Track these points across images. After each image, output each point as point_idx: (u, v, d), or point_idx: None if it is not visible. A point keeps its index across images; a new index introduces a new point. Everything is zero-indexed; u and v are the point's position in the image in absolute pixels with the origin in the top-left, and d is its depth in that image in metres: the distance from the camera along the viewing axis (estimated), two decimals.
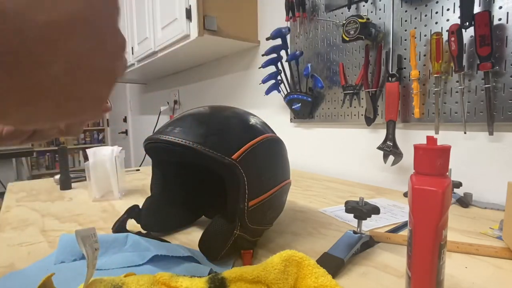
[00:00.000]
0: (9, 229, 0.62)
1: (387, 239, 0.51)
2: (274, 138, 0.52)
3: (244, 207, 0.44)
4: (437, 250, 0.29)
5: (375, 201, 0.76)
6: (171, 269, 0.40)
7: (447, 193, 0.29)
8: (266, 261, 0.34)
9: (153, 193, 0.57)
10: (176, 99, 2.25)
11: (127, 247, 0.47)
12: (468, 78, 0.75)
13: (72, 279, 0.40)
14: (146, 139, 0.49)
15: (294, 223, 0.62)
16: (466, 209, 0.70)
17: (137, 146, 3.27)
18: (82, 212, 0.73)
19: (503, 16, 0.69)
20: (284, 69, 1.22)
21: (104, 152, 0.83)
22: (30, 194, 0.91)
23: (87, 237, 0.28)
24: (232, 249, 0.45)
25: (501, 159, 0.73)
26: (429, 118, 0.83)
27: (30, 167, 4.06)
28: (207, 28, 1.23)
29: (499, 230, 0.56)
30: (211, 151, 0.42)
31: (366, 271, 0.42)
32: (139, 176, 1.18)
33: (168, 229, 0.58)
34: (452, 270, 0.42)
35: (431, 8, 0.81)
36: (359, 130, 1.05)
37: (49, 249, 0.51)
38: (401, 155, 0.88)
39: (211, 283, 0.31)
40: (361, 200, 0.46)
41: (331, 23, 1.07)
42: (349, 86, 1.02)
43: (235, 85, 1.65)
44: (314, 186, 0.96)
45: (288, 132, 1.34)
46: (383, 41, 0.92)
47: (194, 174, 0.62)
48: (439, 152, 0.29)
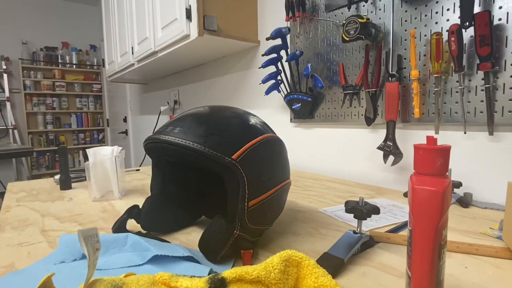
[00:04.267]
0: (9, 229, 0.62)
1: (387, 239, 0.51)
2: (274, 138, 0.52)
3: (244, 207, 0.44)
4: (437, 250, 0.29)
5: (375, 201, 0.76)
6: (171, 269, 0.40)
7: (447, 193, 0.29)
8: (266, 261, 0.34)
9: (153, 193, 0.57)
10: (176, 99, 2.25)
11: (127, 247, 0.47)
12: (468, 78, 0.75)
13: (72, 279, 0.40)
14: (146, 139, 0.49)
15: (294, 223, 0.62)
16: (466, 209, 0.70)
17: (137, 146, 3.27)
18: (82, 212, 0.73)
19: (503, 16, 0.69)
20: (284, 69, 1.22)
21: (104, 152, 0.83)
22: (30, 194, 0.91)
23: (89, 237, 0.28)
24: (232, 249, 0.44)
25: (501, 159, 0.73)
26: (429, 118, 0.83)
27: (30, 167, 4.06)
28: (207, 28, 1.23)
29: (499, 230, 0.56)
30: (211, 151, 0.42)
31: (366, 271, 0.42)
32: (139, 176, 1.18)
33: (168, 229, 0.58)
34: (452, 270, 0.42)
35: (431, 8, 0.81)
36: (359, 130, 1.05)
37: (49, 249, 0.51)
38: (401, 155, 0.88)
39: (211, 283, 0.31)
40: (361, 200, 0.46)
41: (331, 23, 1.07)
42: (349, 86, 1.02)
43: (235, 85, 1.65)
44: (314, 186, 0.96)
45: (288, 132, 1.34)
46: (383, 41, 0.92)
47: (194, 174, 0.62)
48: (439, 152, 0.29)
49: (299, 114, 1.20)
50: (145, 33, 1.64)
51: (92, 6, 4.55)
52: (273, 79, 1.23)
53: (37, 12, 4.11)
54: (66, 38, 4.36)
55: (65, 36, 4.36)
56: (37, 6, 4.10)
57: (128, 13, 1.86)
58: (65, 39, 4.34)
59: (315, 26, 1.14)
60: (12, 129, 3.89)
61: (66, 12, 4.34)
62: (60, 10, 4.30)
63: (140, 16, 1.69)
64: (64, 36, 4.34)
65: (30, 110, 4.04)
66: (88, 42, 4.56)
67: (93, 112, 4.58)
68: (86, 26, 4.53)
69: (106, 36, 2.37)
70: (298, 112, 1.19)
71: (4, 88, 3.83)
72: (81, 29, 4.50)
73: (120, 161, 0.85)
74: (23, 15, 4.02)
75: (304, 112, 1.17)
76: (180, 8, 1.29)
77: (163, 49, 1.51)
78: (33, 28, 4.09)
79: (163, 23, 1.45)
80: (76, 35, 4.46)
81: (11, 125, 3.88)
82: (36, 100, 4.07)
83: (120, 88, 3.61)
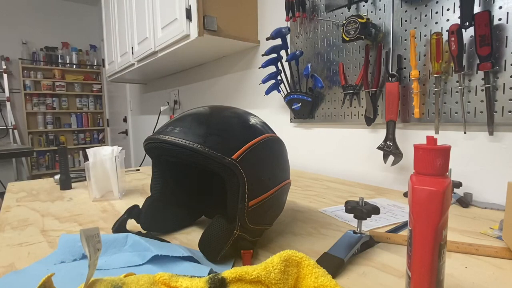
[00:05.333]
0: (9, 229, 0.62)
1: (387, 239, 0.51)
2: (274, 138, 0.52)
3: (244, 207, 0.44)
4: (437, 250, 0.29)
5: (375, 201, 0.76)
6: (171, 269, 0.40)
7: (447, 193, 0.29)
8: (266, 261, 0.34)
9: (153, 193, 0.57)
10: (176, 99, 2.25)
11: (127, 247, 0.47)
12: (468, 78, 0.75)
13: (72, 279, 0.40)
14: (146, 139, 0.49)
15: (294, 223, 0.62)
16: (466, 209, 0.70)
17: (137, 146, 3.27)
18: (82, 212, 0.73)
19: (503, 16, 0.69)
20: (284, 69, 1.22)
21: (104, 152, 0.83)
22: (30, 194, 0.91)
23: (91, 237, 0.28)
24: (232, 249, 0.45)
25: (501, 159, 0.73)
26: (429, 118, 0.83)
27: (30, 167, 4.06)
28: (207, 28, 1.23)
29: (499, 230, 0.56)
30: (211, 151, 0.42)
31: (366, 271, 0.42)
32: (139, 176, 1.18)
33: (168, 229, 0.58)
34: (452, 270, 0.42)
35: (431, 8, 0.81)
36: (359, 130, 1.05)
37: (49, 249, 0.51)
38: (401, 155, 0.88)
39: (211, 283, 0.31)
40: (361, 200, 0.46)
41: (331, 23, 1.07)
42: (349, 86, 1.02)
43: (235, 85, 1.65)
44: (314, 186, 0.96)
45: (288, 132, 1.34)
46: (383, 41, 0.92)
47: (194, 174, 0.62)
48: (439, 152, 0.29)
49: (299, 114, 1.20)
50: (145, 33, 1.64)
51: (92, 6, 4.55)
52: (273, 79, 1.23)
53: (37, 12, 4.11)
54: (66, 38, 4.36)
55: (65, 36, 4.36)
56: (37, 6, 4.10)
57: (128, 13, 1.86)
58: (65, 39, 4.34)
59: (315, 26, 1.14)
60: (12, 129, 3.89)
61: (66, 12, 4.34)
62: (60, 10, 4.30)
63: (140, 16, 1.70)
64: (64, 36, 4.35)
65: (30, 110, 4.04)
66: (88, 42, 4.56)
67: (93, 112, 4.58)
68: (86, 26, 4.53)
69: (106, 36, 2.37)
70: (298, 112, 1.19)
71: (4, 88, 3.83)
72: (81, 29, 4.50)
73: (120, 161, 0.85)
74: (23, 15, 4.02)
75: (304, 112, 1.17)
76: (180, 8, 1.29)
77: (163, 49, 1.51)
78: (33, 28, 4.09)
79: (163, 23, 1.45)
80: (76, 35, 4.46)
81: (11, 125, 3.88)
82: (36, 100, 4.07)
83: (120, 88, 3.61)
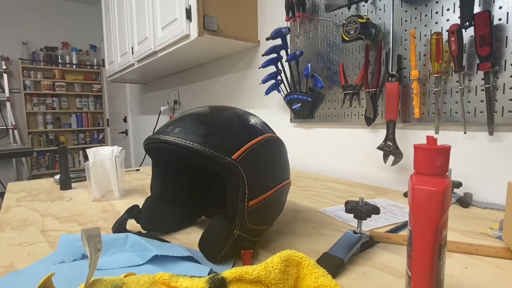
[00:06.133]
0: (9, 229, 0.62)
1: (387, 239, 0.51)
2: (274, 138, 0.52)
3: (244, 207, 0.44)
4: (437, 250, 0.29)
5: (375, 201, 0.76)
6: (171, 269, 0.40)
7: (447, 193, 0.29)
8: (266, 261, 0.34)
9: (153, 193, 0.57)
10: (176, 99, 2.25)
11: (127, 247, 0.47)
12: (468, 78, 0.75)
13: (72, 279, 0.40)
14: (146, 139, 0.49)
15: (294, 223, 0.62)
16: (466, 209, 0.70)
17: (137, 146, 3.27)
18: (82, 212, 0.73)
19: (503, 16, 0.69)
20: (284, 69, 1.22)
21: (104, 152, 0.83)
22: (30, 194, 0.91)
23: (92, 236, 0.28)
24: (232, 249, 0.44)
25: (501, 159, 0.73)
26: (429, 118, 0.83)
27: (30, 167, 4.06)
28: (207, 28, 1.23)
29: (499, 230, 0.56)
30: (211, 151, 0.42)
31: (366, 271, 0.42)
32: (139, 176, 1.18)
33: (168, 229, 0.58)
34: (452, 270, 0.42)
35: (431, 8, 0.81)
36: (359, 130, 1.05)
37: (49, 249, 0.51)
38: (401, 155, 0.88)
39: (211, 283, 0.31)
40: (361, 200, 0.46)
41: (331, 23, 1.07)
42: (349, 86, 1.02)
43: (235, 85, 1.65)
44: (314, 186, 0.96)
45: (288, 132, 1.34)
46: (383, 41, 0.92)
47: (194, 174, 0.62)
48: (439, 152, 0.29)
49: (299, 114, 1.20)
50: (145, 33, 1.64)
51: (92, 6, 4.55)
52: (273, 79, 1.23)
53: (37, 12, 4.11)
54: (66, 38, 4.36)
55: (65, 36, 4.36)
56: (37, 6, 4.10)
57: (128, 13, 1.86)
58: (65, 39, 4.34)
59: (315, 26, 1.14)
60: (12, 129, 3.89)
61: (66, 12, 4.34)
62: (60, 10, 4.30)
63: (140, 16, 1.69)
64: (64, 36, 4.35)
65: (30, 110, 4.04)
66: (88, 42, 4.56)
67: (93, 112, 4.58)
68: (86, 26, 4.53)
69: (106, 36, 2.37)
70: (298, 112, 1.19)
71: (4, 88, 3.83)
72: (81, 29, 4.50)
73: (120, 161, 0.85)
74: (23, 15, 4.02)
75: (304, 112, 1.17)
76: (180, 8, 1.29)
77: (163, 49, 1.51)
78: (33, 28, 4.09)
79: (163, 23, 1.45)
80: (76, 35, 4.46)
81: (11, 125, 3.88)
82: (36, 100, 4.07)
83: (120, 88, 3.61)
